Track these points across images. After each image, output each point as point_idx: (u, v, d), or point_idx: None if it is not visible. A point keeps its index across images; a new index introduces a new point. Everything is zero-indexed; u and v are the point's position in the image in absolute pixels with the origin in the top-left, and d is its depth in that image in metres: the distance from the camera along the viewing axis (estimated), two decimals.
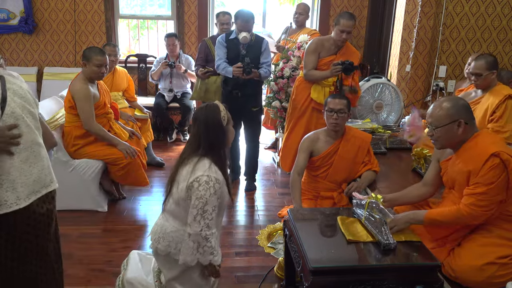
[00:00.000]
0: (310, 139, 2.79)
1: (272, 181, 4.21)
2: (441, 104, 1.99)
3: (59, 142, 3.35)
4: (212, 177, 1.83)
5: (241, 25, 3.58)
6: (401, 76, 4.82)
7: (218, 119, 1.90)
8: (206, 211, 1.82)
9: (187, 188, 1.85)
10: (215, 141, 1.91)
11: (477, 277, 1.86)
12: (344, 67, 3.34)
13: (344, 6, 5.48)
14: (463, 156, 1.97)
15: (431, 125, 2.01)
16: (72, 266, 2.73)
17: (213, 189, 1.82)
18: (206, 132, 1.90)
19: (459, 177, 1.98)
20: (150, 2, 6.06)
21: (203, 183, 1.81)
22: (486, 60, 2.86)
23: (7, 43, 5.32)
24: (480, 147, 1.92)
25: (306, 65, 3.52)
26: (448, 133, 1.97)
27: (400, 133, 2.71)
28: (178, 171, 1.95)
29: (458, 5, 4.56)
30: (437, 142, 2.04)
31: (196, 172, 1.84)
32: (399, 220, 1.98)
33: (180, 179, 1.91)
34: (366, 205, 2.00)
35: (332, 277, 1.73)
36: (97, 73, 3.27)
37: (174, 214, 1.96)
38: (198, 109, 1.98)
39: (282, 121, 4.35)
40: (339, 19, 3.36)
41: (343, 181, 2.80)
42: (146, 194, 3.82)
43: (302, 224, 2.04)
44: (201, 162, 1.87)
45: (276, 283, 2.54)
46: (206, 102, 2.04)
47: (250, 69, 3.50)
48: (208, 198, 1.81)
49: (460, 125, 1.94)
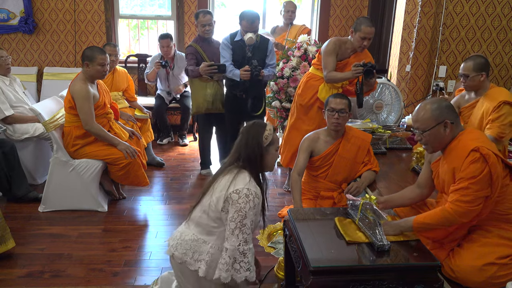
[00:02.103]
0: (310, 139, 2.79)
1: (272, 181, 4.21)
2: (424, 107, 2.00)
3: (59, 142, 3.35)
4: (252, 191, 1.82)
5: (246, 26, 3.53)
6: (401, 76, 4.82)
7: (259, 138, 1.92)
8: (244, 225, 1.80)
9: (225, 198, 1.84)
10: (252, 158, 1.91)
11: (477, 277, 1.86)
12: (366, 70, 3.14)
13: (344, 6, 5.48)
14: (449, 156, 1.98)
15: (419, 129, 2.01)
16: (72, 266, 2.73)
17: (253, 203, 1.81)
18: (245, 146, 1.93)
19: (446, 178, 1.99)
20: (150, 2, 6.06)
21: (243, 195, 1.80)
22: (474, 62, 2.82)
23: (7, 43, 5.32)
24: (462, 144, 1.93)
25: (326, 66, 3.32)
26: (436, 135, 1.97)
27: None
28: (217, 180, 1.93)
29: (458, 5, 4.56)
30: (428, 147, 2.04)
31: (237, 184, 1.84)
32: (389, 231, 1.95)
33: (218, 188, 1.89)
34: (360, 206, 2.01)
35: (332, 277, 1.73)
36: (101, 72, 3.28)
37: (198, 221, 1.94)
38: (247, 124, 2.02)
39: (282, 121, 4.35)
40: (361, 26, 3.18)
41: (343, 180, 2.80)
42: (146, 194, 3.82)
43: (302, 224, 2.04)
44: (241, 174, 1.88)
45: (276, 283, 2.54)
46: (255, 121, 2.03)
47: (259, 72, 3.46)
48: (247, 212, 1.80)
49: (446, 125, 1.95)
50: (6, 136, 3.73)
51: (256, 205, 1.83)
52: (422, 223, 1.93)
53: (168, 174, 4.31)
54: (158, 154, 4.67)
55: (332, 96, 2.79)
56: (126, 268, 2.73)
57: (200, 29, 3.96)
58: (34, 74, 5.29)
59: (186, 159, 4.72)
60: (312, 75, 3.51)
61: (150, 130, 4.37)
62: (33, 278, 2.60)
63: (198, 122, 4.30)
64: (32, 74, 5.27)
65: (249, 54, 3.59)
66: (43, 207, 3.43)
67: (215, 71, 3.67)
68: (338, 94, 2.86)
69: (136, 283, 2.58)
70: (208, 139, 4.23)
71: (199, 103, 3.90)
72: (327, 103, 2.75)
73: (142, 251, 2.93)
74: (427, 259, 1.80)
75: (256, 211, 1.85)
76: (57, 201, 3.42)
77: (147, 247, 2.98)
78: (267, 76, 3.63)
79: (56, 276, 2.63)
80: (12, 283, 2.55)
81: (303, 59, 4.14)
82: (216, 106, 3.92)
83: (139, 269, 2.72)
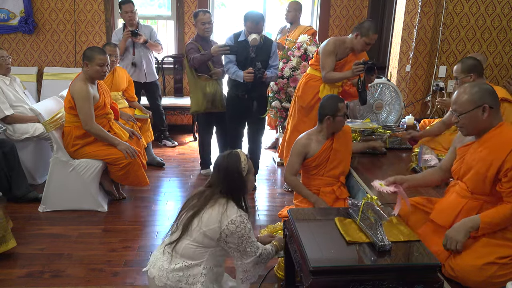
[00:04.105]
0: (303, 144, 2.82)
1: (272, 181, 4.21)
2: (465, 90, 1.97)
3: (59, 142, 3.35)
4: (243, 215, 1.97)
5: (251, 27, 3.50)
6: (401, 76, 4.82)
7: (238, 169, 2.00)
8: (252, 241, 2.01)
9: (221, 231, 1.93)
10: (235, 189, 2.01)
11: (477, 277, 1.86)
12: (367, 67, 3.15)
13: (344, 6, 5.48)
14: (487, 144, 1.94)
15: (456, 112, 1.98)
16: (72, 266, 2.73)
17: (249, 224, 1.99)
18: (226, 180, 2.00)
19: (478, 165, 1.95)
20: (150, 2, 6.07)
21: (238, 223, 1.93)
22: (463, 63, 2.79)
23: (7, 43, 5.32)
24: (505, 136, 1.90)
25: (324, 66, 3.35)
26: (473, 119, 1.94)
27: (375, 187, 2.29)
28: (204, 211, 1.97)
29: (458, 5, 4.56)
30: (463, 129, 2.01)
31: (229, 215, 1.94)
32: (458, 234, 1.90)
33: (210, 220, 1.94)
34: (362, 206, 2.00)
35: (332, 277, 1.73)
36: (100, 72, 3.27)
37: (183, 252, 1.96)
38: (220, 157, 2.07)
39: (282, 121, 4.35)
40: (369, 32, 3.18)
41: (340, 173, 2.87)
42: (146, 194, 3.82)
43: (302, 224, 2.04)
44: (230, 204, 1.98)
45: (276, 283, 2.54)
46: (228, 151, 2.07)
47: (262, 74, 3.46)
48: (247, 233, 1.96)
49: (485, 110, 1.92)
50: (6, 136, 3.73)
51: (250, 224, 2.00)
52: (490, 223, 1.90)
53: (168, 174, 4.31)
54: (158, 154, 4.67)
55: (340, 101, 2.80)
56: (126, 268, 2.73)
57: (200, 27, 3.93)
58: (34, 74, 5.29)
59: (186, 159, 4.72)
60: (311, 75, 3.52)
61: (150, 130, 4.37)
62: (33, 278, 2.60)
63: (198, 122, 4.29)
64: (32, 74, 5.27)
65: (253, 55, 3.58)
66: (43, 207, 3.43)
67: (227, 52, 3.59)
68: (339, 98, 2.87)
69: (136, 283, 2.58)
70: (208, 139, 4.22)
71: (198, 102, 3.90)
72: (337, 110, 2.75)
73: (142, 251, 2.93)
74: (427, 259, 1.80)
75: (251, 227, 2.02)
76: (57, 201, 3.42)
77: (147, 247, 2.98)
78: (270, 77, 3.63)
79: (56, 276, 2.63)
80: (12, 283, 2.55)
81: (303, 59, 4.15)
82: (216, 105, 3.91)
83: (139, 269, 2.71)
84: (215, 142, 4.31)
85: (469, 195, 2.03)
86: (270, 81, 3.77)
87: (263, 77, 3.47)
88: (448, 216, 2.06)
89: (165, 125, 5.05)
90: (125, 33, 4.41)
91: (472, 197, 2.02)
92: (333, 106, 2.75)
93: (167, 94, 5.57)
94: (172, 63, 5.52)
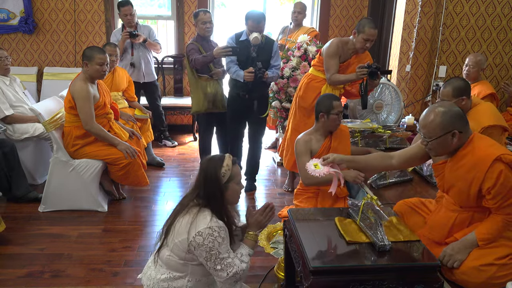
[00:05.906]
0: (305, 140, 2.82)
1: (272, 181, 4.21)
2: (433, 112, 1.92)
3: (59, 142, 3.35)
4: (215, 227, 1.78)
5: (252, 26, 3.50)
6: (401, 76, 4.82)
7: (216, 174, 1.84)
8: (222, 258, 1.81)
9: (188, 242, 1.80)
10: (212, 195, 1.85)
11: (476, 278, 1.86)
12: (370, 71, 3.11)
13: (344, 6, 5.48)
14: (462, 162, 1.93)
15: (425, 136, 1.96)
16: (72, 266, 2.73)
17: (220, 238, 1.79)
18: (203, 185, 1.87)
19: (460, 183, 1.95)
20: (150, 2, 6.07)
21: (206, 236, 1.76)
22: (453, 87, 2.62)
23: (7, 43, 5.32)
24: (479, 153, 1.88)
25: (329, 69, 3.31)
26: (442, 144, 1.92)
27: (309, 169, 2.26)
28: (177, 219, 1.87)
29: (458, 5, 4.56)
30: (432, 151, 2.00)
31: (198, 226, 1.78)
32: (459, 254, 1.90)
33: (180, 230, 1.83)
34: (362, 206, 2.00)
35: (332, 277, 1.73)
36: (99, 71, 3.27)
37: (167, 262, 1.90)
38: (204, 159, 1.94)
39: (282, 121, 4.35)
40: (364, 27, 3.15)
41: None
42: (146, 194, 3.82)
43: (302, 224, 2.04)
44: (201, 214, 1.82)
45: (276, 283, 2.54)
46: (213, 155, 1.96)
47: (263, 74, 3.45)
48: (218, 248, 1.78)
49: (454, 135, 1.90)
50: (6, 136, 3.73)
51: (224, 238, 1.80)
52: (488, 239, 1.90)
53: (168, 174, 4.31)
54: (158, 154, 4.67)
55: (334, 99, 2.80)
56: (126, 268, 2.73)
57: (201, 27, 3.91)
58: (34, 74, 5.29)
59: (186, 159, 4.72)
60: (314, 76, 3.50)
61: (150, 130, 4.37)
62: (33, 278, 2.60)
63: (198, 122, 4.29)
64: (32, 74, 5.27)
65: (254, 54, 3.57)
66: (43, 207, 3.43)
67: (229, 53, 3.58)
68: (335, 97, 2.87)
69: (136, 283, 2.58)
70: (208, 139, 4.22)
71: (199, 102, 3.89)
72: (331, 107, 2.76)
73: (142, 251, 2.93)
74: (427, 259, 1.80)
75: (227, 242, 1.83)
76: (57, 201, 3.42)
77: (147, 247, 2.98)
78: (271, 77, 3.62)
79: (56, 276, 2.63)
80: (12, 283, 2.55)
81: (303, 59, 4.14)
82: (217, 105, 3.90)
83: (139, 269, 2.71)
84: (215, 142, 4.31)
85: (458, 208, 2.03)
86: (271, 81, 3.76)
87: (263, 76, 3.46)
88: (442, 230, 2.06)
89: (165, 125, 5.06)
90: (123, 34, 4.42)
91: (461, 210, 2.02)
92: (327, 103, 2.75)
93: (167, 94, 5.58)
94: (172, 63, 5.52)
